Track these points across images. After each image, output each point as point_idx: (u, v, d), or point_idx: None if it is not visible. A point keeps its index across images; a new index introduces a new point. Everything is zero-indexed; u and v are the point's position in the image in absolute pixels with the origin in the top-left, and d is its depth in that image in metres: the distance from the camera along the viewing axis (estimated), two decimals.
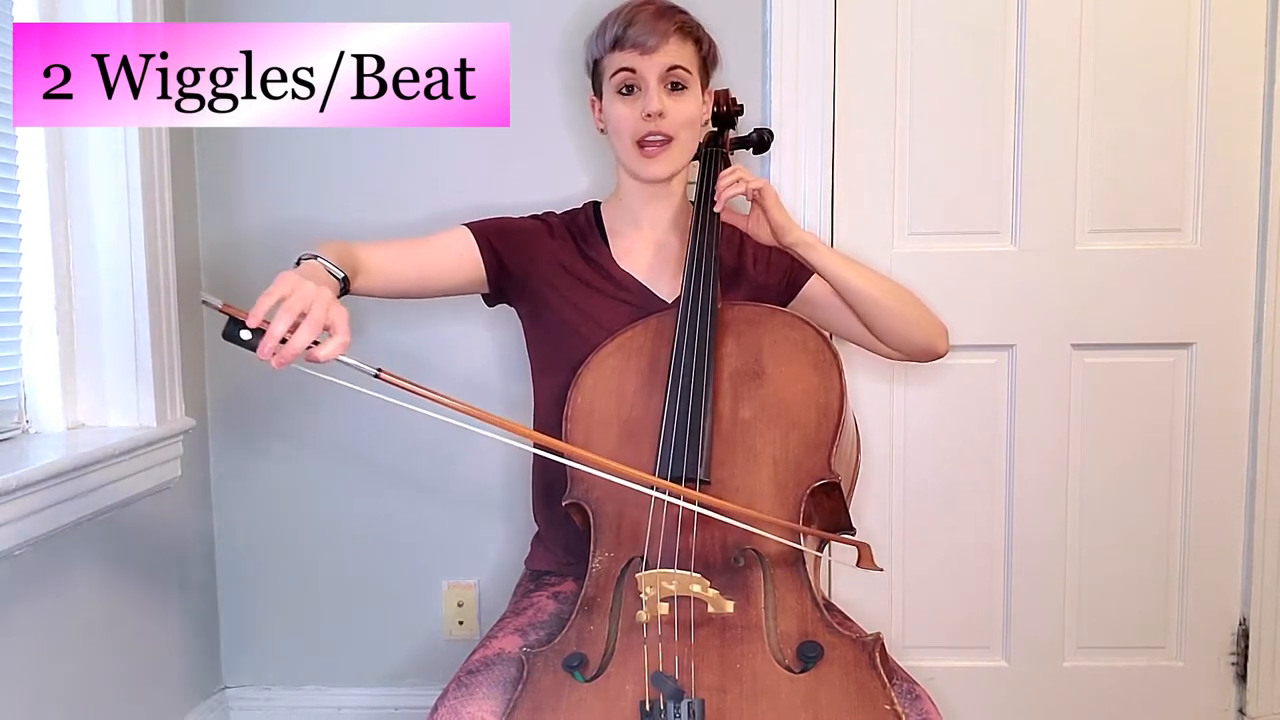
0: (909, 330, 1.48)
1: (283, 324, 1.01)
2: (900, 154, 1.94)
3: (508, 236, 1.49)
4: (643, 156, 1.42)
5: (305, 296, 1.03)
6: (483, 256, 1.46)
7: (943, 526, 2.01)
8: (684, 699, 1.02)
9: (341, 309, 1.05)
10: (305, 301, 1.03)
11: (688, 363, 1.30)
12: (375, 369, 1.04)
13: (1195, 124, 1.91)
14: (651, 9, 1.41)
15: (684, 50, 1.42)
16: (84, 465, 1.55)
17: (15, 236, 1.65)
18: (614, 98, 1.42)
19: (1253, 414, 1.95)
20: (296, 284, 1.04)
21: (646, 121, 1.39)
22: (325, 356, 1.03)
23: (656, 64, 1.39)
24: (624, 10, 1.42)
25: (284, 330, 1.01)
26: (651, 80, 1.39)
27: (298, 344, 1.01)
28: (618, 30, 1.39)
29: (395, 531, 2.02)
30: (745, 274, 1.54)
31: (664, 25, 1.39)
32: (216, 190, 1.97)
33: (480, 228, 1.49)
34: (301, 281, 1.05)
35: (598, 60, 1.44)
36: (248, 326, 1.01)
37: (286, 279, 1.05)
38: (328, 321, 1.03)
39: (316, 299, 1.04)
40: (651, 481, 1.17)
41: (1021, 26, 1.90)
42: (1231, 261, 1.93)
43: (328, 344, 1.03)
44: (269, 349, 1.01)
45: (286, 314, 1.01)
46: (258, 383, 2.00)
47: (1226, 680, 2.01)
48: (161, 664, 1.87)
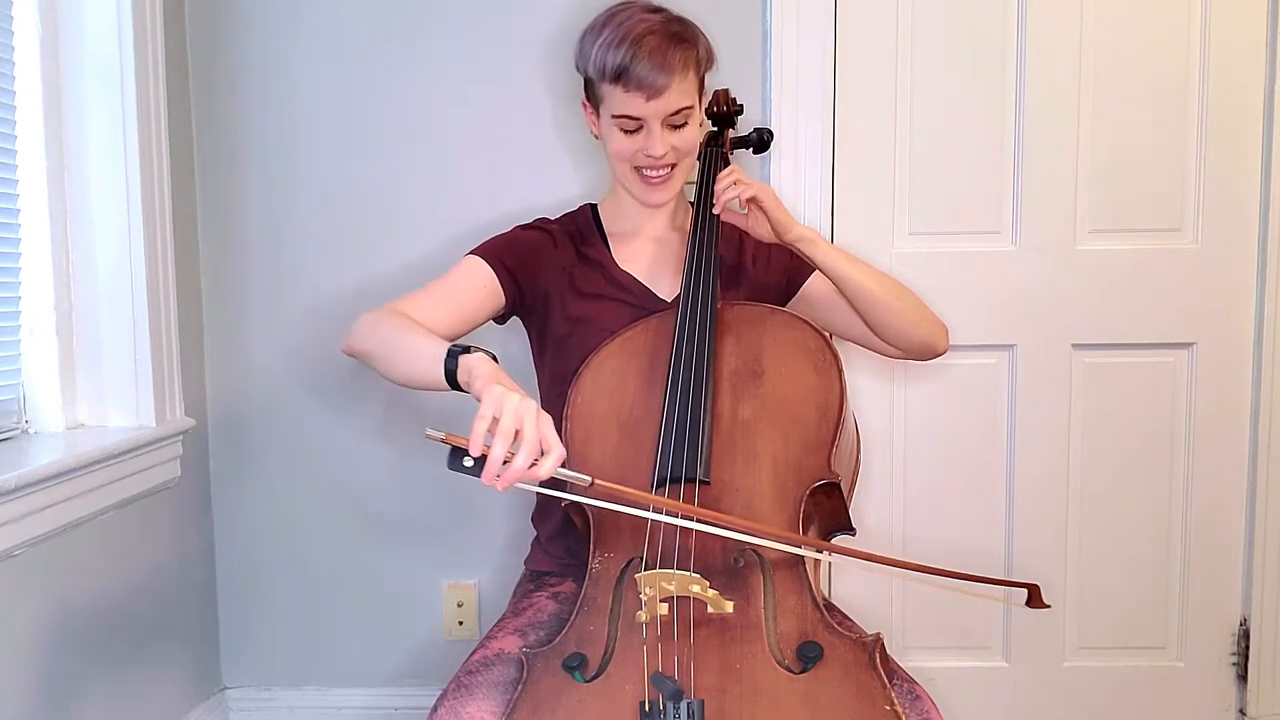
0: (909, 327, 1.48)
1: (501, 448, 1.03)
2: (900, 154, 1.94)
3: (518, 254, 1.47)
4: (645, 185, 1.43)
5: (516, 414, 1.04)
6: (500, 281, 1.44)
7: (943, 526, 2.00)
8: (683, 699, 1.02)
9: (547, 418, 1.07)
10: (517, 420, 1.04)
11: (688, 362, 1.29)
12: (590, 479, 1.07)
13: (1196, 124, 1.91)
14: (656, 40, 1.33)
15: (686, 84, 1.37)
16: (84, 465, 1.56)
17: (15, 236, 1.65)
18: (614, 128, 1.39)
19: (1253, 414, 1.95)
20: (503, 400, 1.05)
21: (649, 158, 1.39)
22: (545, 474, 1.05)
23: (661, 110, 1.36)
24: (627, 34, 1.34)
25: (503, 454, 1.03)
26: (656, 126, 1.37)
27: (519, 467, 1.03)
28: (621, 61, 1.33)
29: (395, 531, 2.02)
30: (745, 272, 1.54)
31: (670, 60, 1.33)
32: (216, 190, 1.97)
33: (490, 252, 1.46)
34: (507, 395, 1.05)
35: (593, 80, 1.40)
36: (469, 454, 1.03)
37: (492, 396, 1.05)
38: (539, 435, 1.05)
39: (526, 416, 1.05)
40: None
41: (1022, 26, 1.90)
42: (1232, 261, 1.93)
43: (544, 461, 1.04)
44: (492, 475, 1.03)
45: (503, 439, 1.03)
46: (258, 383, 2.00)
47: (1227, 680, 2.01)
48: (162, 664, 1.87)
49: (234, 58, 1.94)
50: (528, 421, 1.04)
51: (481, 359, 1.16)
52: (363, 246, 1.96)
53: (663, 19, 1.37)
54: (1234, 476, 1.97)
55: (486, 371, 1.13)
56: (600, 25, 1.39)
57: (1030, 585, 1.21)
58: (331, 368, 1.98)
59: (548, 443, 1.05)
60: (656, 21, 1.36)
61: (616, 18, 1.38)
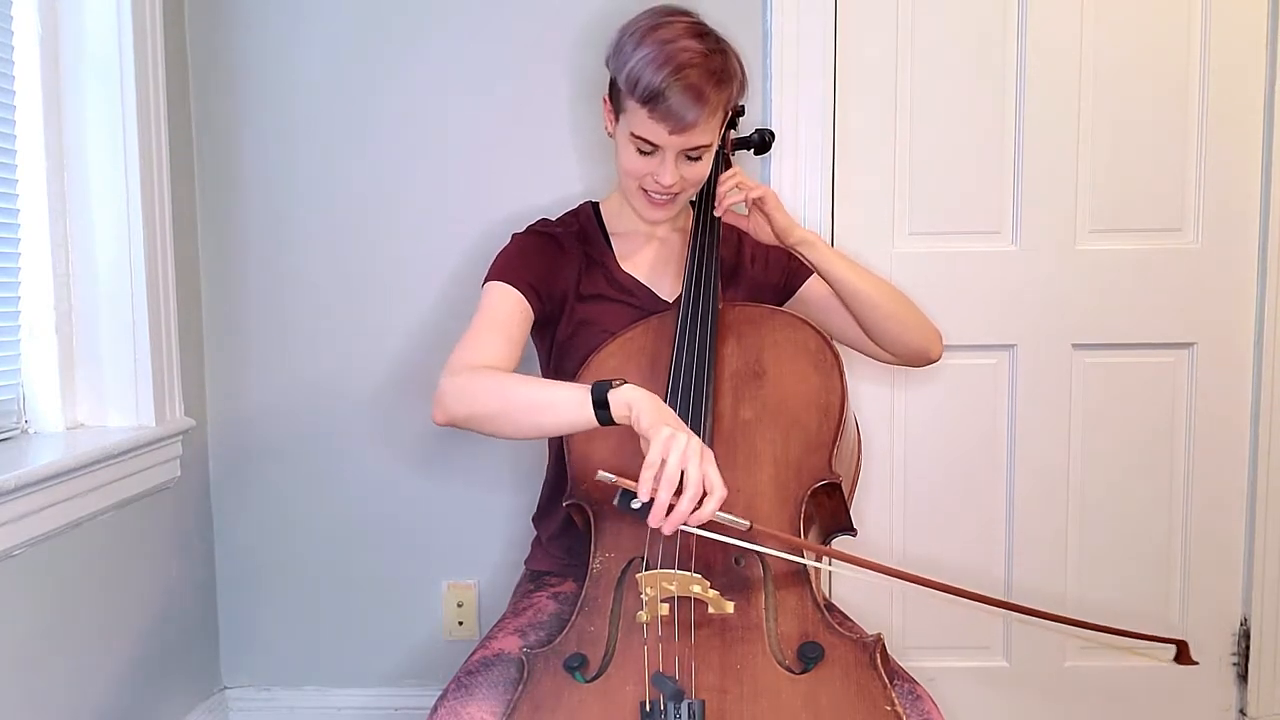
0: (904, 333, 1.48)
1: (666, 494, 1.04)
2: (900, 154, 1.94)
3: (533, 267, 1.43)
4: (649, 203, 1.41)
5: (683, 457, 1.05)
6: (528, 300, 1.40)
7: (943, 526, 2.00)
8: (684, 700, 1.02)
9: (710, 457, 1.08)
10: (683, 462, 1.05)
11: (688, 363, 1.30)
12: (749, 523, 1.08)
13: (1196, 124, 1.91)
14: (696, 75, 1.27)
15: (713, 122, 1.32)
16: (84, 465, 1.55)
17: (14, 236, 1.65)
18: (629, 144, 1.35)
19: (1253, 414, 1.95)
20: (671, 444, 1.05)
21: (657, 184, 1.37)
22: (706, 516, 1.06)
23: (681, 144, 1.32)
24: (669, 60, 1.27)
25: (669, 499, 1.04)
26: (670, 155, 1.34)
27: (683, 511, 1.04)
28: (656, 87, 1.27)
29: (395, 531, 2.02)
30: (743, 273, 1.54)
31: (704, 99, 1.28)
32: (216, 190, 1.97)
33: (509, 273, 1.41)
34: (674, 438, 1.06)
35: (621, 90, 1.34)
36: (638, 496, 1.06)
37: (660, 440, 1.06)
38: (702, 478, 1.06)
39: (691, 458, 1.05)
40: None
41: (1022, 26, 1.90)
42: (1232, 261, 1.93)
43: (707, 502, 1.05)
44: (658, 518, 1.05)
45: (669, 484, 1.04)
46: (257, 382, 2.00)
47: (1227, 680, 2.01)
48: (161, 664, 1.87)
49: (233, 58, 1.94)
50: (691, 464, 1.05)
51: (641, 394, 1.14)
52: (363, 246, 1.96)
53: (705, 50, 1.29)
54: (1234, 476, 1.97)
55: (649, 408, 1.12)
56: (641, 34, 1.32)
57: (1179, 641, 1.19)
58: (331, 367, 1.98)
59: (710, 484, 1.06)
60: (699, 52, 1.29)
61: (660, 33, 1.30)
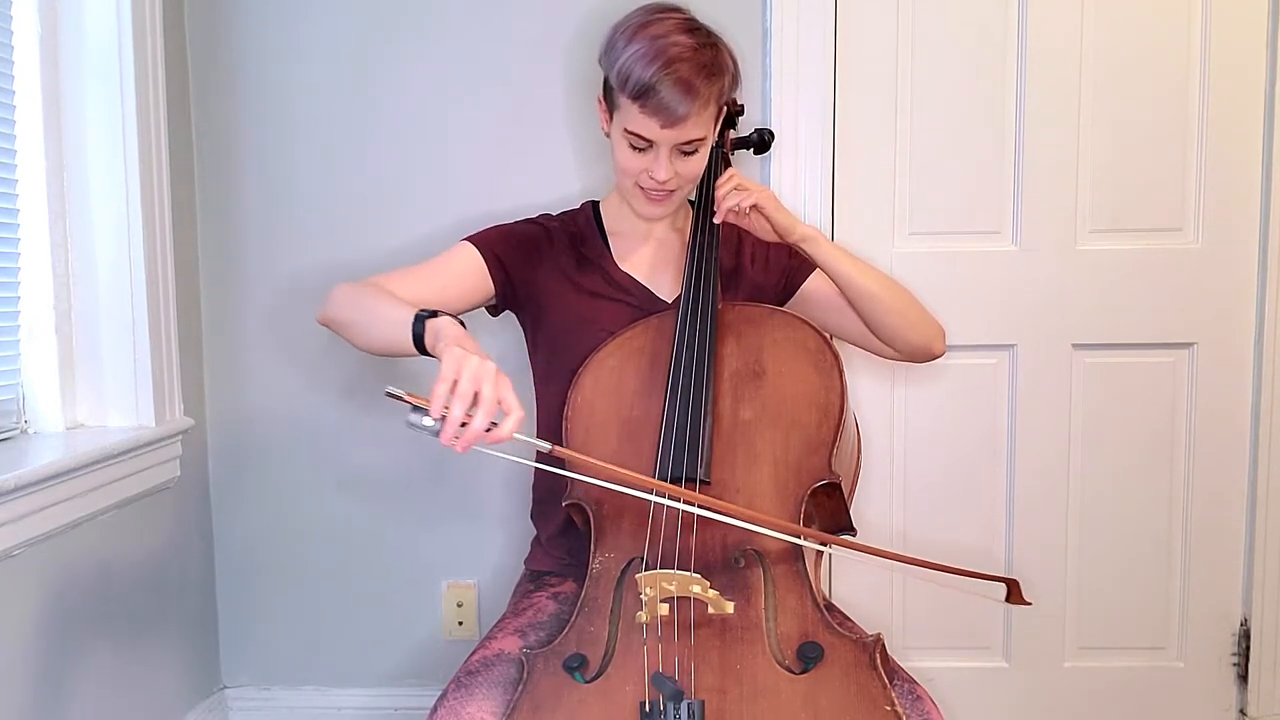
0: (907, 329, 1.48)
1: (459, 410, 1.02)
2: (900, 154, 1.94)
3: (510, 245, 1.47)
4: (645, 200, 1.41)
5: (475, 376, 1.03)
6: (490, 270, 1.44)
7: (943, 526, 2.00)
8: (684, 700, 1.02)
9: (506, 380, 1.06)
10: (475, 381, 1.04)
11: (688, 363, 1.29)
12: (550, 445, 1.07)
13: (1196, 123, 1.91)
14: (686, 68, 1.27)
15: (706, 115, 1.32)
16: (83, 465, 1.55)
17: (14, 236, 1.65)
18: (623, 141, 1.36)
19: (1253, 414, 1.95)
20: (463, 362, 1.04)
21: (653, 181, 1.37)
22: (504, 436, 1.04)
23: (674, 139, 1.32)
24: (658, 55, 1.28)
25: (462, 415, 1.02)
26: (665, 151, 1.34)
27: (477, 428, 1.03)
28: (646, 82, 1.27)
29: (395, 531, 2.02)
30: (743, 273, 1.53)
31: (696, 92, 1.28)
32: (215, 190, 1.97)
33: (483, 240, 1.46)
34: (466, 357, 1.05)
35: (613, 87, 1.34)
36: (429, 415, 1.03)
37: (452, 358, 1.05)
38: (499, 397, 1.04)
39: (485, 377, 1.04)
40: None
41: (1023, 26, 1.90)
42: (1232, 261, 1.93)
43: (504, 422, 1.04)
44: (450, 436, 1.03)
45: (461, 400, 1.02)
46: (257, 382, 2.00)
47: (1227, 681, 2.01)
48: (161, 664, 1.87)
49: (233, 59, 1.94)
50: (486, 383, 1.04)
51: (448, 322, 1.15)
52: (363, 247, 1.96)
53: (695, 44, 1.30)
54: (1234, 476, 1.97)
55: (451, 334, 1.12)
56: (632, 31, 1.32)
57: (1009, 580, 1.21)
58: (331, 367, 1.97)
59: (507, 405, 1.05)
60: (689, 46, 1.29)
61: (650, 29, 1.31)
